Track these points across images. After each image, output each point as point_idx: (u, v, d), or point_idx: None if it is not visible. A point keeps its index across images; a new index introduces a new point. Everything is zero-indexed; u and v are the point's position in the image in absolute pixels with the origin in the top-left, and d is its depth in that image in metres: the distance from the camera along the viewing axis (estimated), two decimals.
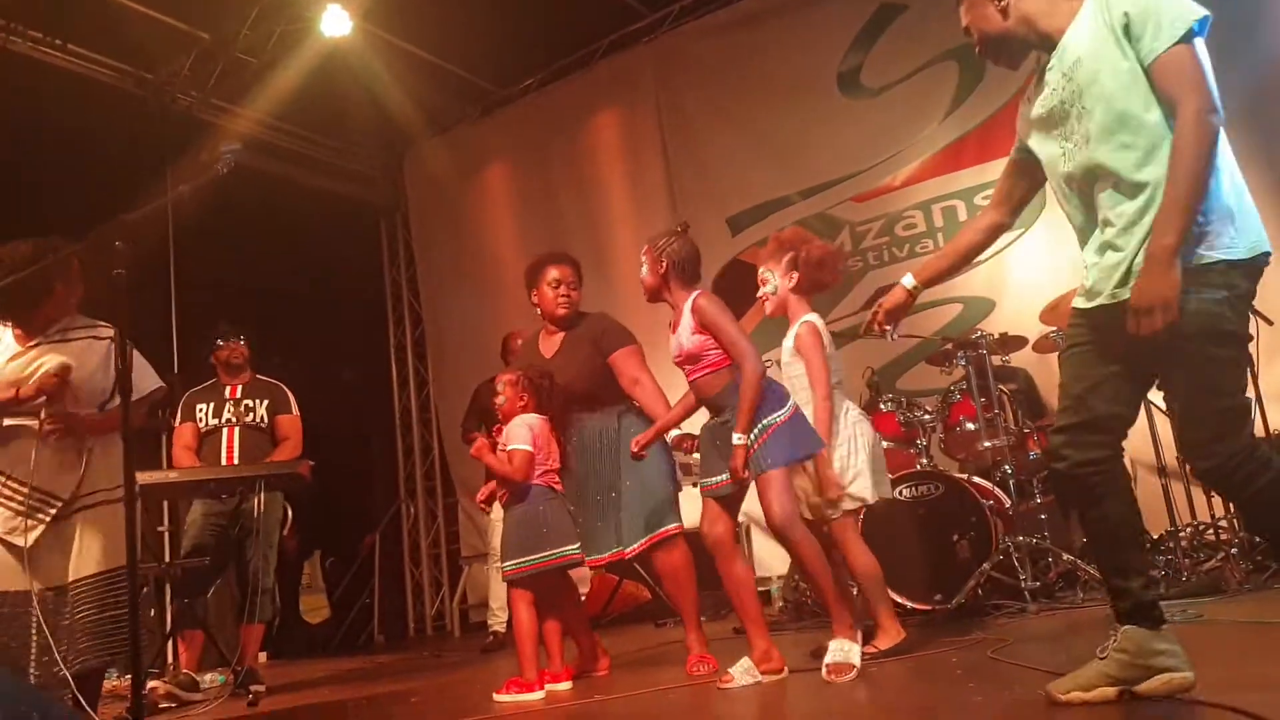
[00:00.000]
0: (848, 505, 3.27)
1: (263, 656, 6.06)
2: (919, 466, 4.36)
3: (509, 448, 3.40)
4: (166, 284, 6.82)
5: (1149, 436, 4.30)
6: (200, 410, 4.77)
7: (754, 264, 6.65)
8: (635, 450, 3.31)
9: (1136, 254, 1.94)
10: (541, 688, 3.28)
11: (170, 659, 5.12)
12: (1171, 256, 1.85)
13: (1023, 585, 3.87)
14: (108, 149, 6.26)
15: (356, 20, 6.49)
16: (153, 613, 5.51)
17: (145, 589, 5.44)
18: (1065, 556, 3.93)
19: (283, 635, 7.27)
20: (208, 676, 4.71)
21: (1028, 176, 2.29)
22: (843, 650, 2.86)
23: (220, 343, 4.81)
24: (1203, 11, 1.91)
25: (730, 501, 3.11)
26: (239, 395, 4.79)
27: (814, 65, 6.46)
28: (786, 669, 2.95)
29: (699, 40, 7.02)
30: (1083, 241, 2.12)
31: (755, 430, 2.90)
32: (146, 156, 6.70)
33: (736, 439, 2.88)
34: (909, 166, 6.18)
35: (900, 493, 4.13)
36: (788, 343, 3.42)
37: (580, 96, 7.56)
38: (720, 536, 3.07)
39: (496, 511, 4.24)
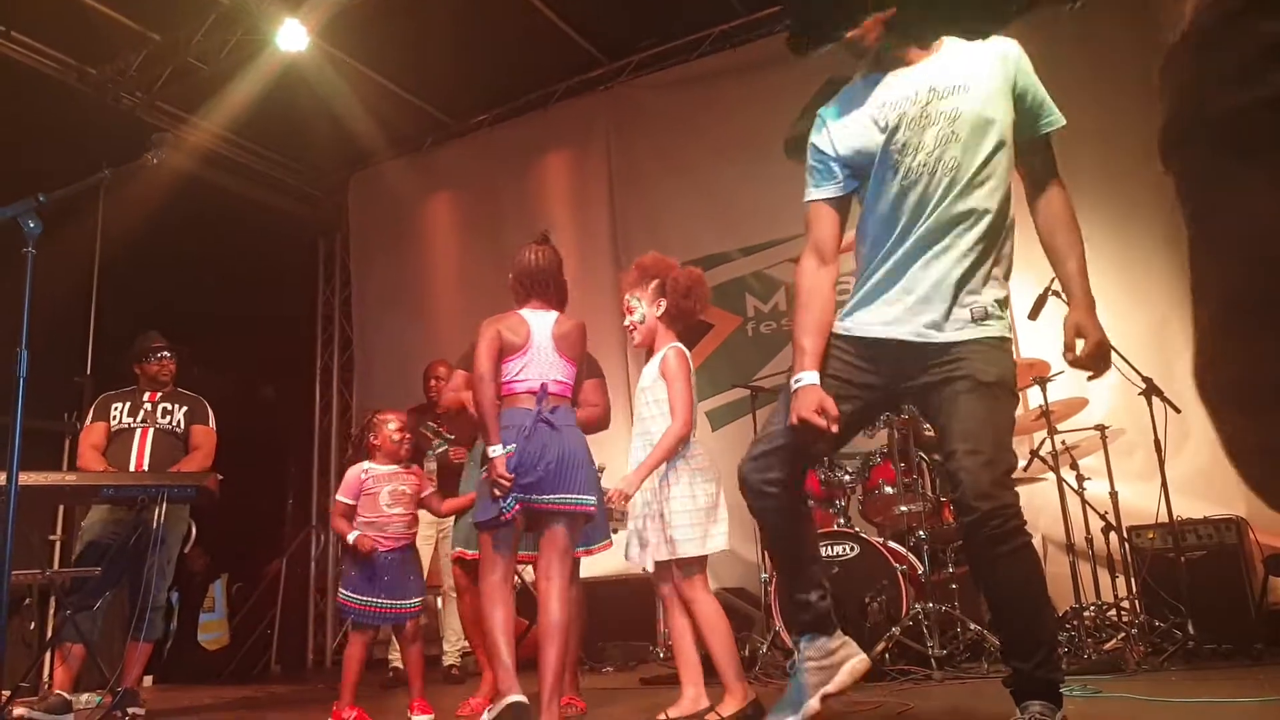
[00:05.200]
0: (670, 555, 3.09)
1: (148, 680, 5.77)
2: (836, 526, 4.39)
3: None
4: (89, 280, 6.59)
5: (1060, 516, 4.40)
6: (115, 409, 4.63)
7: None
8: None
9: (958, 304, 2.17)
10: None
11: (46, 677, 4.83)
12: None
13: (930, 652, 3.88)
14: (41, 142, 6.06)
15: (314, 37, 6.44)
16: (32, 626, 5.21)
17: (27, 600, 5.14)
18: (973, 626, 3.96)
19: (174, 659, 6.93)
20: (84, 697, 4.43)
21: (844, 216, 2.38)
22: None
23: (153, 357, 4.71)
24: None
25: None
26: (158, 399, 4.69)
27: (763, 127, 6.52)
28: None
29: (654, 92, 7.14)
30: (894, 268, 2.24)
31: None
32: (83, 153, 6.49)
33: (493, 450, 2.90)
34: (846, 235, 6.29)
35: None
36: (650, 369, 3.30)
37: (533, 136, 7.60)
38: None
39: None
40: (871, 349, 2.26)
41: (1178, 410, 4.29)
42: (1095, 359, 2.12)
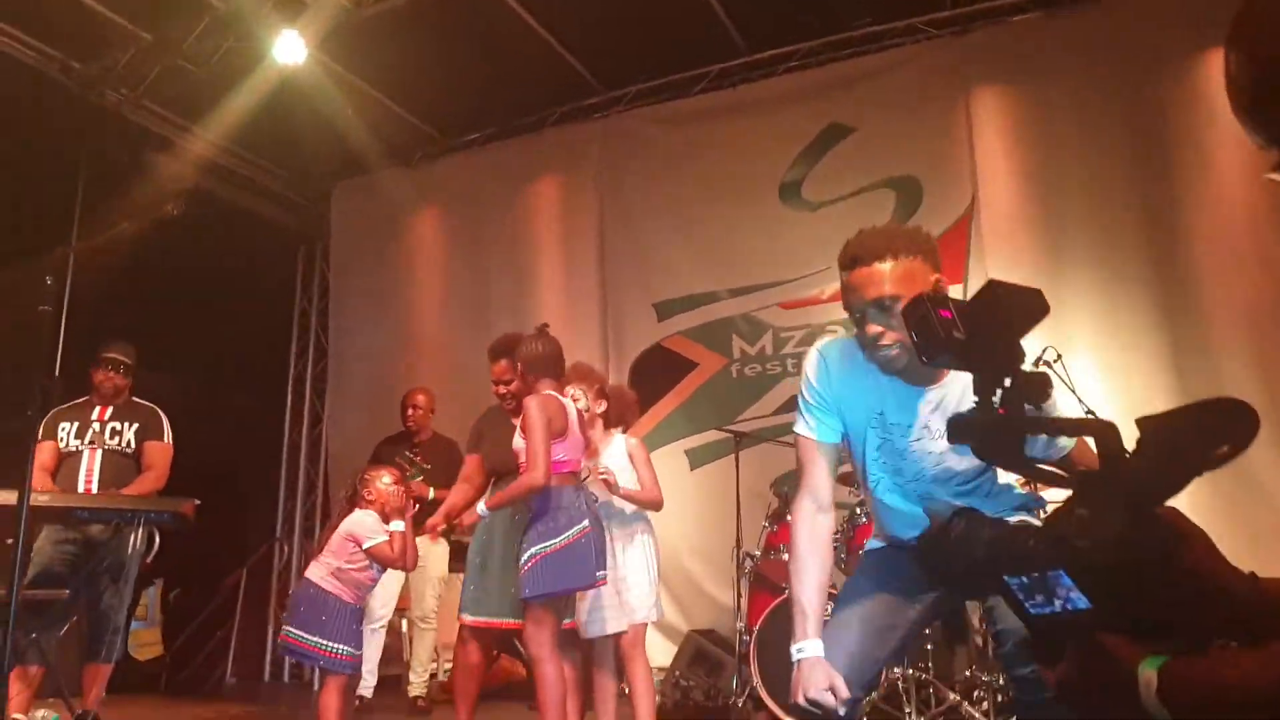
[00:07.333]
0: (632, 620, 3.51)
1: None
2: None
3: None
4: (62, 282, 6.40)
5: None
6: (63, 429, 4.47)
7: (677, 351, 6.75)
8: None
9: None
10: None
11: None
12: None
13: None
14: (18, 132, 5.92)
15: (311, 49, 6.34)
16: None
17: None
18: (952, 696, 3.99)
19: (118, 670, 6.74)
20: (40, 714, 4.35)
21: (840, 456, 2.22)
22: None
23: (100, 365, 4.57)
24: None
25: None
26: (107, 417, 4.53)
27: (758, 170, 6.60)
28: None
29: (649, 125, 7.11)
30: (905, 498, 2.13)
31: (524, 556, 3.16)
32: (62, 146, 6.37)
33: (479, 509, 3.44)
34: (836, 283, 6.33)
35: None
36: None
37: (524, 159, 7.53)
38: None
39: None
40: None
41: None
42: None
